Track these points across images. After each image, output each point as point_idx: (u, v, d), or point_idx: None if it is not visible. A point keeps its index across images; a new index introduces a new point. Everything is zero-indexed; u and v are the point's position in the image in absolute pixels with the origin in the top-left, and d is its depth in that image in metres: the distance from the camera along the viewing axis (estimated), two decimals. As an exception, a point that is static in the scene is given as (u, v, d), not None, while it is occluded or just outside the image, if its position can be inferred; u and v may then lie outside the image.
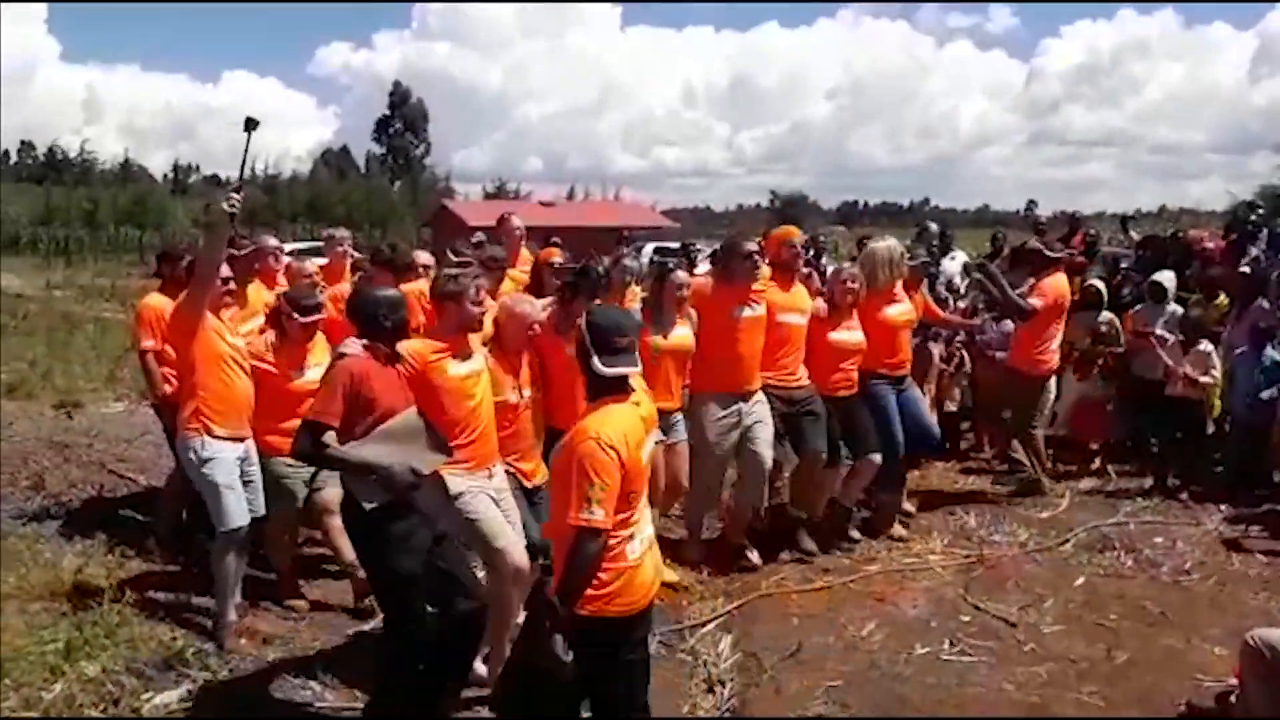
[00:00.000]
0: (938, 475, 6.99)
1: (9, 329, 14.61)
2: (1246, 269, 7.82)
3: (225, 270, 4.71)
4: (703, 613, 4.99)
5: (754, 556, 5.60)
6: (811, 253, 11.32)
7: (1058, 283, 6.70)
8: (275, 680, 4.27)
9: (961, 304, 7.85)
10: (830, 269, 6.61)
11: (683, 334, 5.28)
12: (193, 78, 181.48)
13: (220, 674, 4.30)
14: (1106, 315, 7.60)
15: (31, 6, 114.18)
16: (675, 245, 20.93)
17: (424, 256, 7.26)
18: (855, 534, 5.99)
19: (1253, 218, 9.86)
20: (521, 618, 3.93)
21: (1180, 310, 7.31)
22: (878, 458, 5.80)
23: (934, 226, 10.75)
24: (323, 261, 6.72)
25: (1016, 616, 4.94)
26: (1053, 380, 7.00)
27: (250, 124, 4.11)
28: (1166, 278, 7.52)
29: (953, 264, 8.68)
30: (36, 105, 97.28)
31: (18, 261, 31.33)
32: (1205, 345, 6.98)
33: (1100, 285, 7.86)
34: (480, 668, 4.17)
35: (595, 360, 3.01)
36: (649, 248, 23.49)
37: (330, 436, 3.61)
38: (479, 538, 4.06)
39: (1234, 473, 6.97)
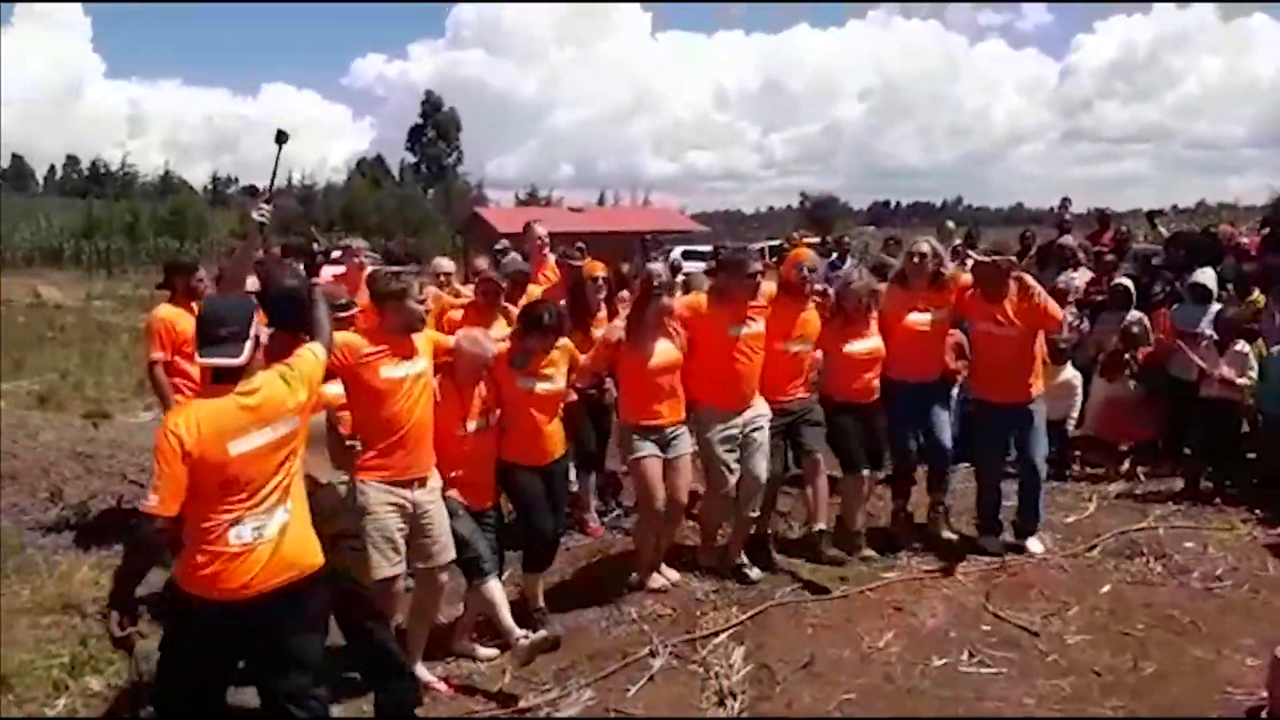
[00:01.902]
0: (959, 479, 6.80)
1: (45, 340, 14.88)
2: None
3: (252, 283, 4.73)
4: (716, 622, 4.89)
5: (754, 573, 5.46)
6: (836, 255, 11.25)
7: None
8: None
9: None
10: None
11: (665, 348, 5.17)
12: (233, 91, 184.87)
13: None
14: (1135, 314, 7.41)
15: (77, 24, 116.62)
16: (705, 249, 20.98)
17: (445, 264, 7.29)
18: (870, 552, 5.80)
19: (1288, 212, 9.61)
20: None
21: (1217, 308, 7.10)
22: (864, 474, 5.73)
23: (951, 225, 10.56)
24: (340, 270, 6.75)
25: (1039, 626, 4.78)
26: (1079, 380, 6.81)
27: (281, 136, 4.13)
28: (1208, 277, 7.29)
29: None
30: (83, 121, 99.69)
31: (60, 274, 31.98)
32: (1242, 345, 6.76)
33: (1129, 284, 7.67)
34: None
35: (198, 351, 3.07)
36: (677, 251, 23.59)
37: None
38: (360, 561, 4.05)
39: (1266, 475, 6.73)
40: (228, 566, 3.05)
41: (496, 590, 4.44)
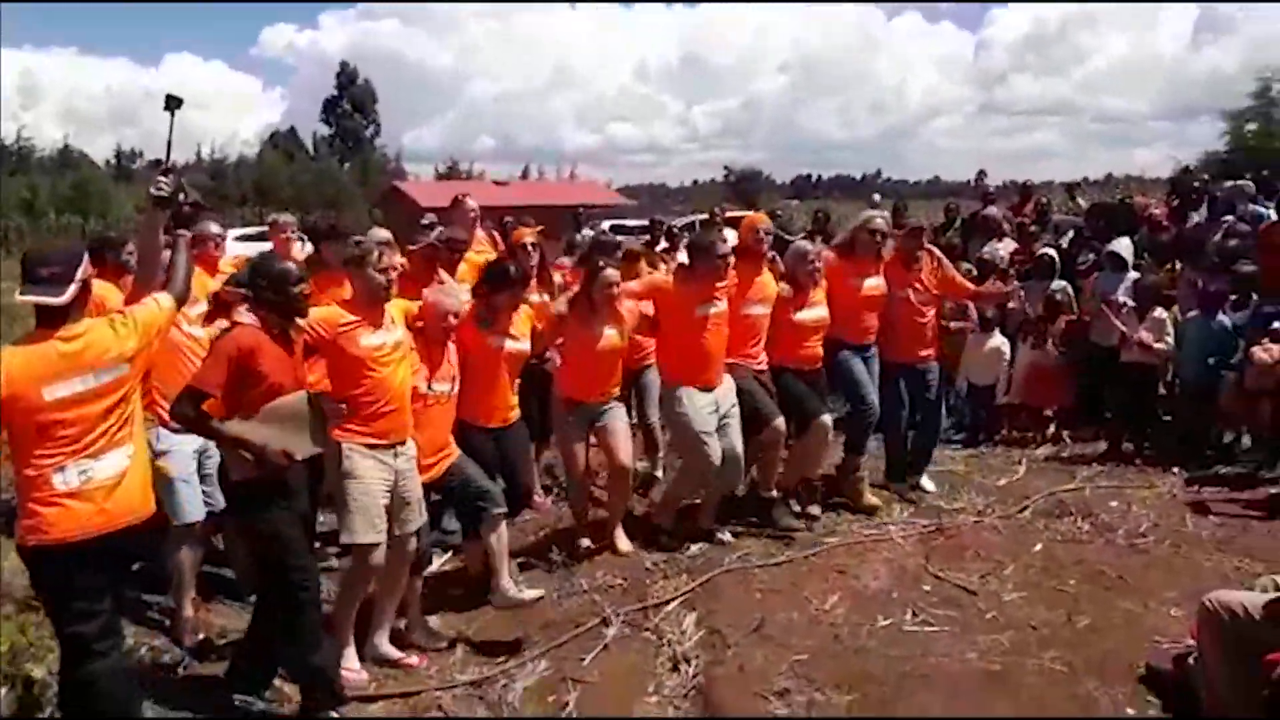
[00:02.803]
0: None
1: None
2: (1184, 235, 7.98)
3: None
4: (666, 591, 4.95)
5: (726, 535, 5.60)
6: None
7: None
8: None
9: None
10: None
11: (612, 333, 5.23)
12: (133, 60, 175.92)
13: (175, 672, 4.20)
14: (1060, 283, 7.66)
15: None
16: (634, 223, 20.83)
17: (381, 233, 7.12)
18: (815, 510, 5.98)
19: (1195, 183, 10.00)
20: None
21: (1136, 276, 7.38)
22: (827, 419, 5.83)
23: (877, 198, 10.76)
24: (268, 247, 6.56)
25: (977, 585, 4.94)
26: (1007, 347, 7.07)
27: (171, 102, 3.89)
28: (1124, 246, 7.58)
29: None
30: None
31: (-46, 253, 30.40)
32: (1160, 312, 7.05)
33: (1053, 254, 7.92)
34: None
35: (19, 290, 3.14)
36: (605, 226, 23.41)
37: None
38: (344, 524, 4.14)
39: (1183, 436, 7.06)
40: (56, 509, 3.14)
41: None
